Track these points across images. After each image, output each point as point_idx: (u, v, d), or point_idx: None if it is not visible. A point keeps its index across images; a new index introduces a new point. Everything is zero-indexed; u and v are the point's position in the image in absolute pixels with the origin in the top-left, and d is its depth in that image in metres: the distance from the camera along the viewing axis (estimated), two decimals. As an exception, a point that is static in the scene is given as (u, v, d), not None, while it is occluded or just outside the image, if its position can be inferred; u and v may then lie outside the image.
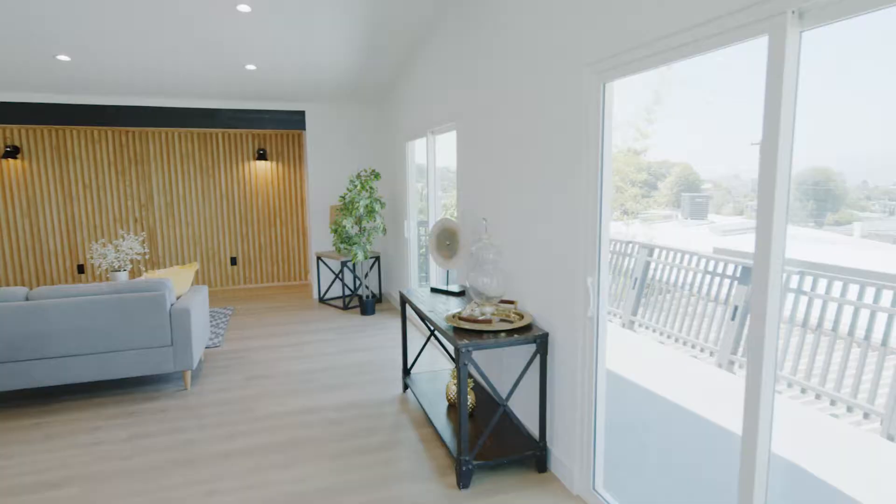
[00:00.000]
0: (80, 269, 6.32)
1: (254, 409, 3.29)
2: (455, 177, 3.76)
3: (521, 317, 2.63)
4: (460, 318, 2.57)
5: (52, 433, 3.00)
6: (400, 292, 3.43)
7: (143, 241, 6.48)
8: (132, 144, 6.41)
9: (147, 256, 6.53)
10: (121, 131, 6.34)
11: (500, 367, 3.08)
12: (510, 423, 2.80)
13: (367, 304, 5.59)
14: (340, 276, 6.21)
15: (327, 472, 2.57)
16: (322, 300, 6.23)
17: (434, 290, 3.43)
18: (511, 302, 2.78)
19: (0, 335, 3.16)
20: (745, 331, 4.51)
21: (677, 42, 1.69)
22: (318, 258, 6.17)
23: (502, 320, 2.59)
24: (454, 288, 3.41)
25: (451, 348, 4.02)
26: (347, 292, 6.29)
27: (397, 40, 4.45)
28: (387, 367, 4.01)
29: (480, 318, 2.56)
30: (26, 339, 3.20)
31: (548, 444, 2.58)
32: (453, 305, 3.02)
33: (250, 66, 4.92)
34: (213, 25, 3.95)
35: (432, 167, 4.68)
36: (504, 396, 2.63)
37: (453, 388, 3.05)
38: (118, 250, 4.71)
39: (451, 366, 3.99)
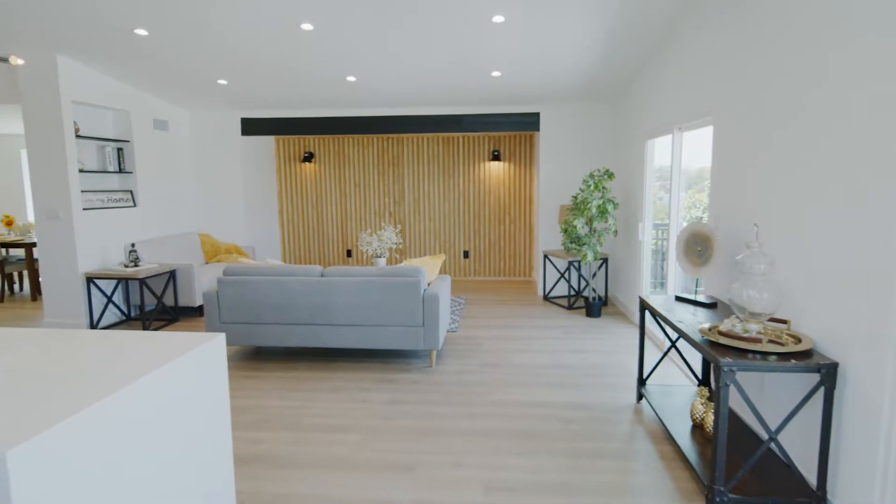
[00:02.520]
0: (349, 253, 7.61)
1: (490, 394, 3.52)
2: (690, 177, 3.41)
3: (798, 340, 2.27)
4: (720, 333, 2.33)
5: (336, 387, 3.69)
6: (640, 298, 3.28)
7: (399, 233, 7.47)
8: (391, 149, 7.43)
9: (400, 246, 7.51)
10: (383, 138, 7.41)
11: (761, 394, 2.71)
12: (776, 459, 2.44)
13: (594, 306, 5.48)
14: (566, 275, 6.21)
15: (563, 468, 2.61)
16: (546, 298, 6.33)
17: (679, 299, 3.18)
18: (783, 321, 2.41)
19: (303, 303, 4.00)
20: None
21: None
22: (545, 256, 6.28)
23: (771, 341, 2.27)
24: (703, 298, 3.12)
25: (694, 363, 3.68)
26: (572, 292, 6.27)
27: (643, 36, 4.23)
28: (617, 372, 3.88)
29: (744, 335, 2.28)
30: (319, 308, 4.00)
31: (828, 496, 2.18)
32: (702, 317, 2.76)
33: (496, 73, 5.23)
34: (469, 38, 4.32)
35: (677, 166, 4.33)
36: (773, 428, 2.31)
37: (700, 408, 2.79)
38: (380, 239, 5.51)
39: (689, 382, 3.66)
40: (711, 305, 3.02)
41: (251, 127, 6.64)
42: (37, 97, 4.67)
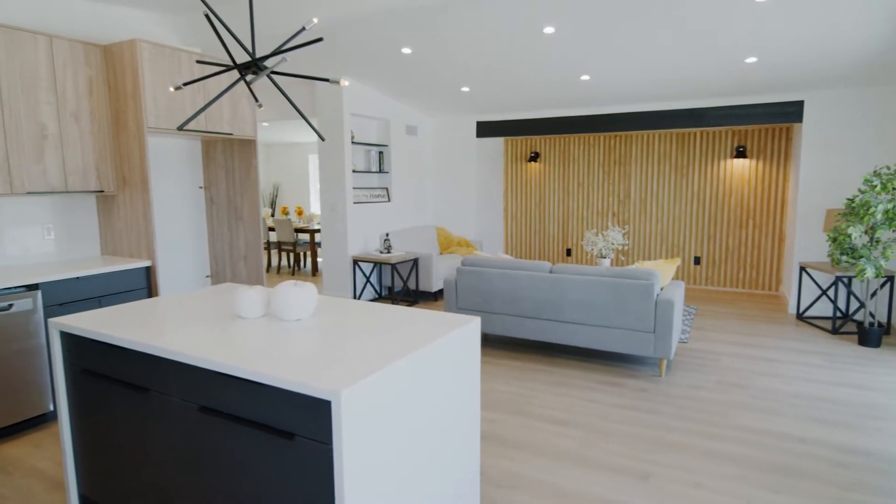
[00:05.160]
0: (568, 251, 7.63)
1: (731, 416, 3.19)
2: None
3: None
4: None
5: (559, 381, 3.77)
6: (957, 330, 2.59)
7: (625, 234, 7.22)
8: (618, 147, 7.19)
9: (626, 247, 7.25)
10: (611, 136, 7.21)
11: None
12: None
13: (871, 334, 4.49)
14: (831, 293, 5.21)
15: (832, 517, 2.24)
16: (801, 317, 5.41)
17: None
18: None
19: (530, 297, 4.18)
20: None
21: None
22: (802, 268, 5.37)
23: None
24: None
25: None
26: (839, 314, 5.24)
27: None
28: (909, 419, 3.13)
29: None
30: (546, 303, 4.12)
31: None
32: None
33: (750, 59, 4.66)
34: (723, 23, 3.93)
35: None
36: None
37: None
38: (606, 239, 5.40)
39: None
40: None
41: (485, 129, 7.13)
42: (327, 111, 5.78)
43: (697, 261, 6.91)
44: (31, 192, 3.13)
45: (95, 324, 2.11)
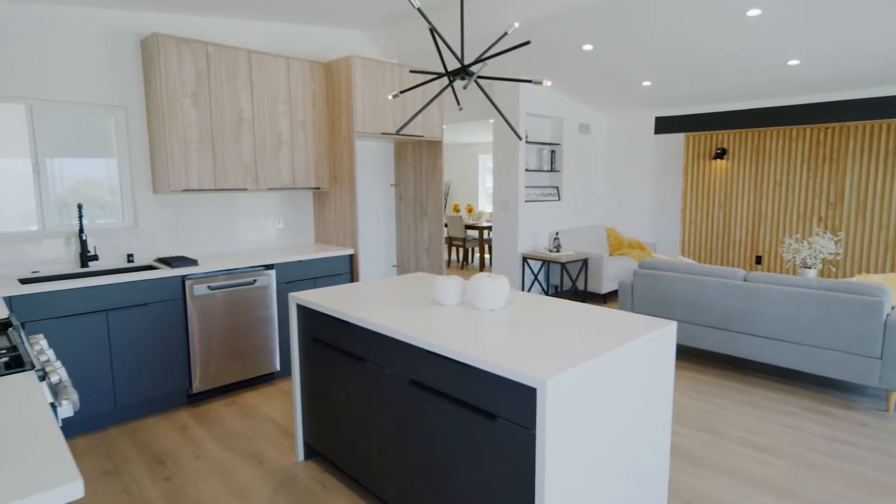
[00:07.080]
0: (758, 259, 6.81)
1: None
2: None
3: None
4: None
5: (751, 402, 3.42)
6: None
7: (838, 242, 6.23)
8: (829, 141, 6.20)
9: (838, 257, 6.26)
10: (819, 128, 6.24)
11: None
12: None
13: None
14: None
15: None
16: None
17: None
18: None
19: (719, 306, 3.84)
20: None
21: None
22: None
23: None
24: None
25: None
26: None
27: None
28: None
29: None
30: (739, 314, 3.75)
31: None
32: None
33: None
34: None
35: None
36: None
37: None
38: (811, 247, 4.72)
39: None
40: None
41: (664, 125, 6.69)
42: (503, 112, 5.95)
43: (937, 278, 5.65)
44: (269, 188, 3.78)
45: (323, 300, 2.48)
